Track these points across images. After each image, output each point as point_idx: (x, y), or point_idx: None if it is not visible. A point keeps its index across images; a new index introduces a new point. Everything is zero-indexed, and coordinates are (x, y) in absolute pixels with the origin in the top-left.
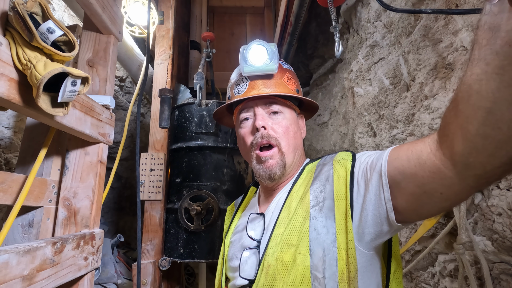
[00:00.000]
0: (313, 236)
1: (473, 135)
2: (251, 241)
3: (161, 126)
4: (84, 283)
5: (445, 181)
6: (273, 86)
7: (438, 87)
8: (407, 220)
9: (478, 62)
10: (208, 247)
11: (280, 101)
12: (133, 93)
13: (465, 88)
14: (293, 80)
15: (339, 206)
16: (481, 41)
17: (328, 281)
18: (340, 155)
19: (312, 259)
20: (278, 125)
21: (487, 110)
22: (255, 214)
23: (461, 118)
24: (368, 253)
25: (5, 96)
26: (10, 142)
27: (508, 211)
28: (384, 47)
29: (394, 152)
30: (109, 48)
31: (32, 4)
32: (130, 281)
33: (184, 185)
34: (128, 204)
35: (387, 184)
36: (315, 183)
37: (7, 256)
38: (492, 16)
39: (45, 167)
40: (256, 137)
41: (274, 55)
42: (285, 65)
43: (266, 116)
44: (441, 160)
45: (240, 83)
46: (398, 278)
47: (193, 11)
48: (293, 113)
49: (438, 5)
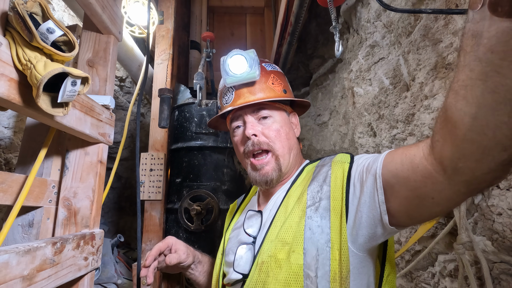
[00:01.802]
0: (308, 235)
1: (460, 141)
2: (247, 237)
3: (161, 126)
4: (84, 283)
5: (436, 186)
6: (259, 91)
7: (438, 87)
8: (400, 224)
9: (463, 68)
10: (208, 247)
11: (268, 105)
12: (133, 93)
13: (452, 94)
14: (279, 81)
15: (334, 207)
16: (465, 47)
17: (320, 280)
18: (339, 156)
19: (306, 258)
20: (269, 129)
21: (473, 116)
22: (253, 211)
23: (450, 124)
24: (361, 255)
25: (5, 96)
26: (10, 142)
27: (508, 211)
28: (384, 47)
29: (389, 156)
30: (109, 48)
31: (32, 4)
32: (130, 281)
33: (184, 185)
34: (128, 204)
35: (381, 186)
36: (312, 184)
37: (7, 256)
38: (475, 23)
39: (45, 167)
40: (247, 146)
41: (253, 62)
42: (269, 67)
43: (255, 123)
44: (432, 164)
45: (226, 93)
46: (392, 282)
47: (193, 11)
48: (283, 114)
49: (438, 5)
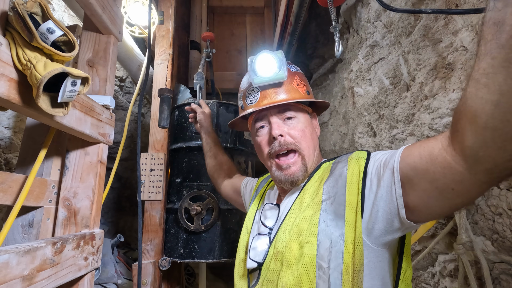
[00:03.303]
0: (322, 227)
1: (482, 129)
2: (264, 228)
3: (161, 126)
4: (84, 283)
5: (456, 176)
6: (284, 92)
7: (438, 87)
8: (418, 218)
9: (485, 56)
10: (208, 247)
11: (293, 106)
12: (133, 93)
13: (473, 83)
14: (303, 82)
15: (350, 202)
16: (486, 36)
17: (332, 271)
18: (356, 153)
19: (319, 249)
20: (295, 130)
21: (495, 103)
22: (271, 204)
23: (470, 113)
24: (377, 249)
25: (5, 96)
26: (10, 142)
27: (508, 211)
28: (384, 47)
29: (406, 150)
30: (109, 48)
31: (32, 4)
32: (130, 281)
33: (184, 185)
34: (128, 204)
35: (399, 180)
36: (329, 180)
37: (7, 256)
38: (496, 11)
39: (45, 167)
40: (274, 146)
41: (282, 63)
42: (293, 68)
43: (281, 123)
44: (452, 155)
45: (251, 93)
46: (407, 280)
47: (193, 11)
48: (307, 115)
49: (438, 5)
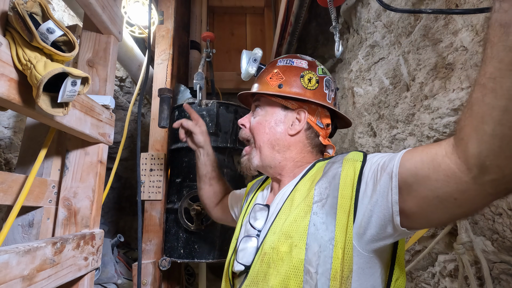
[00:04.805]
0: (311, 231)
1: (489, 136)
2: (252, 230)
3: (160, 126)
4: (84, 283)
5: (460, 186)
6: (258, 84)
7: (438, 87)
8: (414, 226)
9: (491, 60)
10: (208, 247)
11: (263, 98)
12: (133, 93)
13: (479, 88)
14: (280, 75)
15: (342, 205)
16: (492, 39)
17: (320, 277)
18: (351, 155)
19: (307, 253)
20: (254, 122)
21: (503, 109)
22: (261, 205)
23: (476, 119)
24: (367, 255)
25: (5, 96)
26: (10, 142)
27: (508, 211)
28: (384, 47)
29: (407, 154)
30: (109, 48)
31: (32, 4)
32: (130, 281)
33: (184, 185)
34: (128, 204)
35: (397, 186)
36: (321, 180)
37: (7, 256)
38: (503, 13)
39: (45, 167)
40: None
41: (250, 61)
42: (281, 62)
43: (250, 114)
44: (456, 163)
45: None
46: (400, 287)
47: (193, 11)
48: (277, 109)
49: (438, 5)
